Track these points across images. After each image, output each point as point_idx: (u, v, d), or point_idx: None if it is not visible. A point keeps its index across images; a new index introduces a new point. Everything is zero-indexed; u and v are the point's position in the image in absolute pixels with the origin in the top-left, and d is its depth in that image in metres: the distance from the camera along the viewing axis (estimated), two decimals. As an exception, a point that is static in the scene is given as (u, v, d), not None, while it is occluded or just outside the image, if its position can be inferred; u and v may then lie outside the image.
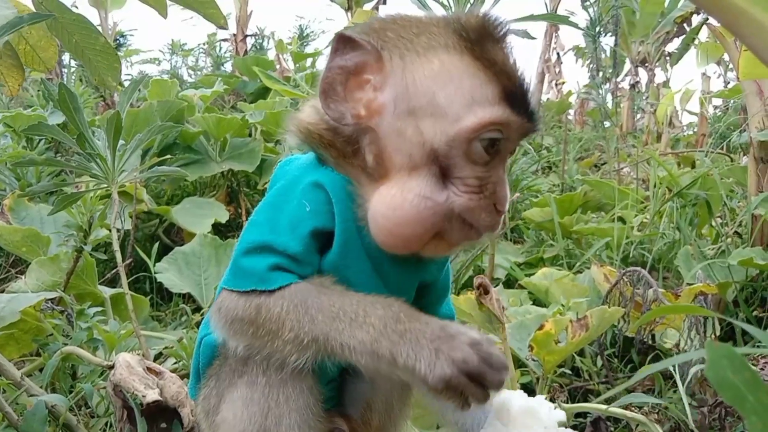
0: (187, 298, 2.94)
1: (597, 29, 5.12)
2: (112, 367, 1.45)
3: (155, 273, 2.76)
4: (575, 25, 2.00)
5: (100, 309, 1.88)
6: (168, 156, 3.46)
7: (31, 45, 1.91)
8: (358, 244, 1.06)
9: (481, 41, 1.00)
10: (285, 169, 1.15)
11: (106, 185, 1.72)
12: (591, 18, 5.13)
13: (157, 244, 2.94)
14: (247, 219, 1.14)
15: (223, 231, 3.77)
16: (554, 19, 2.18)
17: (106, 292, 2.37)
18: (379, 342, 0.95)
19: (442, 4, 1.94)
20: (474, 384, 0.92)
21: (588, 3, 5.53)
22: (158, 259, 2.89)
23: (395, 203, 0.99)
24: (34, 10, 1.78)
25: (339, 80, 1.01)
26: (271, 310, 1.00)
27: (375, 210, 1.01)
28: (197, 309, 2.86)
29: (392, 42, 1.01)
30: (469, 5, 1.88)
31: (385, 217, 1.00)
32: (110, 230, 1.98)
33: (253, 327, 1.01)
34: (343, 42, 1.01)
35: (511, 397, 1.15)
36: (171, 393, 1.41)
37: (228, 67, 8.61)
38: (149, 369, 1.46)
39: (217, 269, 2.90)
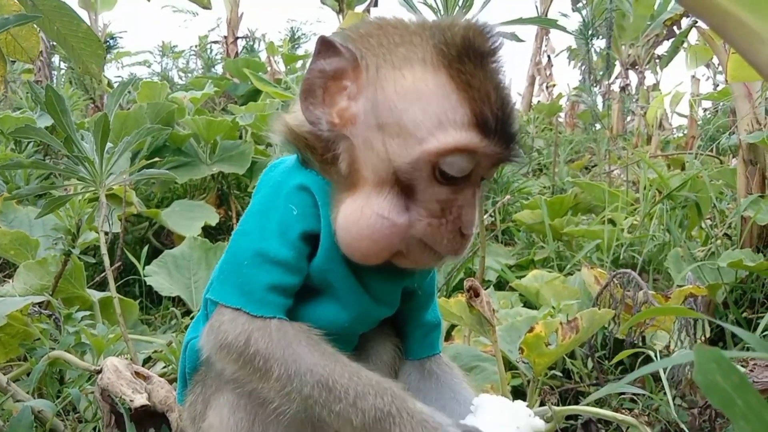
0: (177, 301, 2.93)
1: (589, 32, 5.13)
2: (99, 372, 1.44)
3: (144, 276, 2.74)
4: (564, 29, 2.00)
5: (88, 313, 1.86)
6: (157, 159, 3.44)
7: (12, 35, 1.87)
8: (336, 248, 1.04)
9: (462, 58, 0.95)
10: (269, 176, 1.14)
11: (93, 188, 1.71)
12: (584, 21, 5.15)
13: (146, 248, 2.92)
14: (237, 221, 1.14)
15: (213, 234, 3.76)
16: (544, 23, 2.18)
17: (95, 295, 2.35)
18: (373, 426, 0.96)
19: (430, 7, 1.94)
20: None
21: (580, 5, 5.56)
22: (148, 262, 2.87)
23: (354, 218, 0.98)
24: (16, 2, 1.77)
25: (318, 84, 1.00)
26: (258, 344, 0.98)
27: (338, 220, 1.01)
28: (187, 312, 2.84)
29: (372, 50, 0.99)
30: (457, 8, 1.88)
31: (343, 229, 1.00)
32: (99, 233, 1.97)
33: (241, 359, 0.99)
34: (324, 46, 0.99)
35: (490, 401, 1.15)
36: (159, 397, 1.40)
37: (219, 69, 8.60)
38: (137, 373, 1.45)
39: (207, 272, 2.88)
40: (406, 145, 0.95)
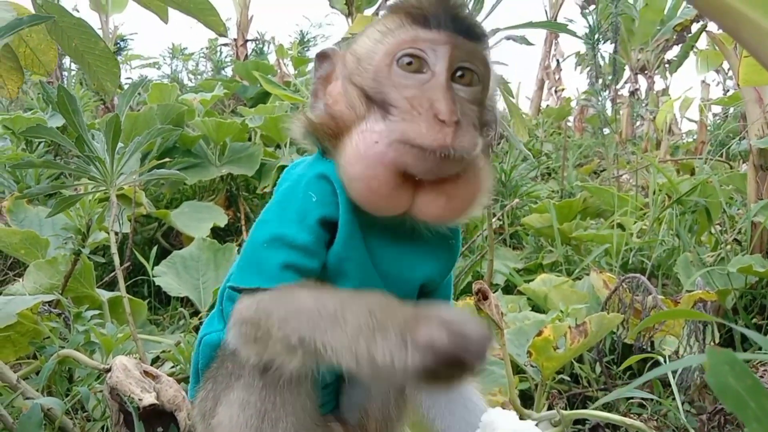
0: (185, 301, 2.93)
1: (596, 36, 5.12)
2: (108, 371, 1.44)
3: (153, 276, 2.75)
4: (573, 33, 2.00)
5: (97, 312, 1.87)
6: (167, 159, 3.46)
7: (31, 48, 1.92)
8: (357, 233, 1.08)
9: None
10: (290, 172, 1.21)
11: (104, 188, 1.72)
12: (590, 26, 5.14)
13: (155, 248, 2.93)
14: (246, 223, 1.17)
15: (222, 235, 3.76)
16: (553, 27, 2.18)
17: (104, 295, 2.36)
18: (356, 341, 0.87)
19: None
20: (451, 366, 0.82)
21: (587, 11, 5.55)
22: (157, 262, 2.88)
23: (349, 150, 1.04)
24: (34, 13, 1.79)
25: (320, 87, 1.16)
26: (263, 306, 1.00)
27: (341, 166, 1.06)
28: (195, 313, 2.85)
29: (354, 41, 1.15)
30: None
31: (345, 167, 1.05)
32: (108, 233, 1.98)
33: (255, 329, 0.99)
34: (319, 58, 1.18)
35: (500, 418, 1.13)
36: (168, 397, 1.40)
37: (228, 71, 8.63)
38: (146, 372, 1.45)
39: (215, 273, 2.89)
40: (367, 67, 1.08)
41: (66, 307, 1.85)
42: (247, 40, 7.53)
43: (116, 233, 2.26)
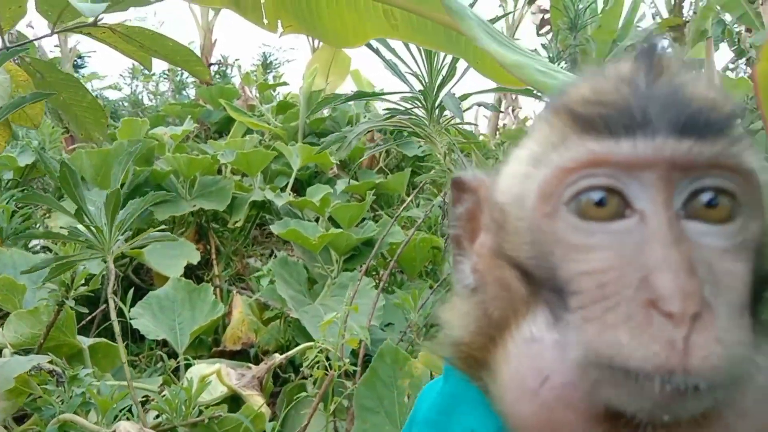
0: (162, 341, 2.95)
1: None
2: (109, 436, 1.49)
3: (130, 319, 2.77)
4: (539, 98, 2.13)
5: (90, 371, 1.90)
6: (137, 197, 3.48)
7: (19, 104, 1.96)
8: None
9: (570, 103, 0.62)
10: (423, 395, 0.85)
11: (101, 255, 1.77)
12: (549, 57, 5.35)
13: (131, 290, 2.95)
14: (216, 257, 1.13)
15: (192, 268, 3.77)
16: (521, 92, 2.30)
17: (85, 342, 2.39)
18: None
19: (415, 75, 2.05)
20: None
21: (546, 42, 5.76)
22: (123, 296, 2.87)
23: (509, 376, 0.61)
24: (24, 73, 1.83)
25: (463, 231, 0.73)
26: None
27: (496, 396, 0.63)
28: (172, 354, 2.87)
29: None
30: (441, 76, 1.99)
31: (505, 404, 0.62)
32: (109, 298, 2.00)
33: None
34: (455, 187, 0.73)
35: None
36: (169, 462, 1.46)
37: (190, 92, 8.59)
38: (147, 438, 1.51)
39: (192, 313, 2.92)
40: (515, 225, 0.63)
41: (61, 366, 1.87)
42: (210, 64, 7.53)
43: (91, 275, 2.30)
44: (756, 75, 0.92)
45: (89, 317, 2.81)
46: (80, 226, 1.64)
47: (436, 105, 2.06)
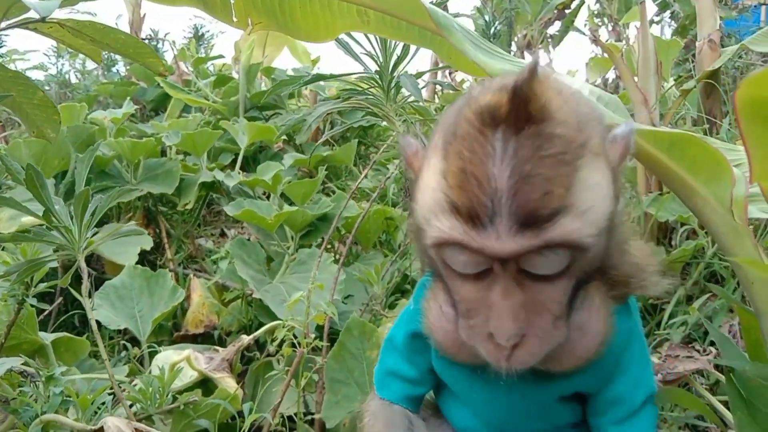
0: (123, 329, 2.93)
1: (491, 31, 5.40)
2: (96, 431, 1.50)
3: (93, 309, 2.72)
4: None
5: (66, 368, 1.88)
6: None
7: (-35, 104, 1.89)
8: (459, 367, 1.07)
9: (459, 136, 0.81)
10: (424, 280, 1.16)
11: (71, 254, 1.74)
12: (485, 21, 5.42)
13: (89, 279, 2.90)
14: (168, 240, 1.26)
15: (145, 254, 3.71)
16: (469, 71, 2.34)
17: (47, 338, 2.35)
18: None
19: (370, 55, 2.07)
20: None
21: (483, 7, 5.83)
22: (78, 288, 2.83)
23: (427, 309, 1.03)
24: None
25: (410, 168, 1.00)
26: (366, 414, 1.15)
27: (423, 316, 1.05)
28: (133, 340, 2.86)
29: (430, 138, 0.95)
30: (395, 56, 2.02)
31: (425, 323, 1.04)
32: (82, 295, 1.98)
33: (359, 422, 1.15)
34: (402, 151, 1.01)
35: None
36: (159, 452, 1.49)
37: (120, 68, 8.28)
38: (137, 430, 1.52)
39: (151, 300, 2.90)
40: (425, 235, 0.88)
41: (34, 366, 1.85)
42: (141, 39, 7.27)
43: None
44: (737, 101, 0.98)
45: (46, 312, 2.76)
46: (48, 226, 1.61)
47: (392, 85, 2.09)
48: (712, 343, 2.25)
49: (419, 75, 2.41)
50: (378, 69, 2.09)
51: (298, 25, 1.61)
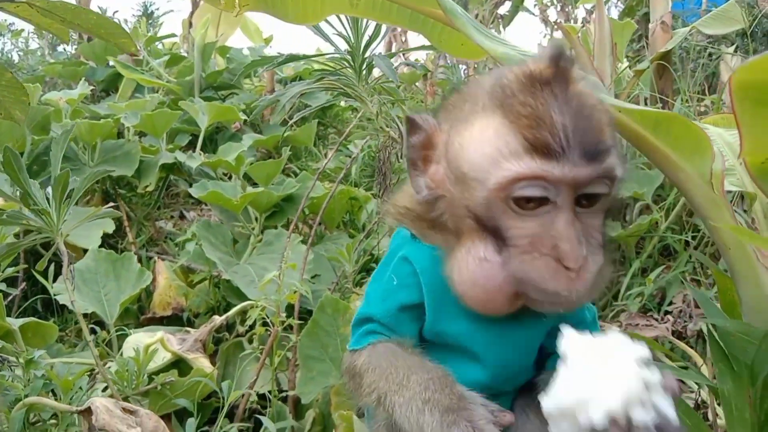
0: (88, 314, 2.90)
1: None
2: (82, 412, 1.51)
3: (55, 295, 2.70)
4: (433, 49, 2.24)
5: (44, 351, 1.87)
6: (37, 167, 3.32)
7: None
8: (451, 308, 1.13)
9: (513, 93, 0.99)
10: (394, 241, 1.26)
11: (50, 237, 1.73)
12: (441, 2, 5.47)
13: (52, 265, 2.86)
14: (129, 223, 1.26)
15: (107, 237, 3.64)
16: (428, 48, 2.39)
17: (14, 323, 2.33)
18: (410, 406, 1.03)
19: (341, 36, 2.09)
20: None
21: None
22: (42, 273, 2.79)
23: (461, 267, 1.06)
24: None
25: (417, 156, 1.12)
26: (356, 363, 1.16)
27: (450, 275, 1.08)
28: (99, 323, 2.83)
29: (448, 113, 1.11)
30: (366, 37, 2.04)
31: (458, 283, 1.07)
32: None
33: (351, 381, 1.17)
34: (410, 123, 1.12)
35: (577, 338, 0.98)
36: (149, 429, 1.51)
37: (66, 48, 8.02)
38: (124, 409, 1.54)
39: (117, 283, 2.87)
40: (474, 190, 1.00)
41: (10, 352, 1.83)
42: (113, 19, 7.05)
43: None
44: (732, 84, 1.06)
45: (11, 297, 2.71)
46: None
47: (364, 65, 2.12)
48: (667, 312, 2.38)
49: (391, 56, 2.45)
50: (350, 49, 2.12)
51: (287, 7, 1.62)
